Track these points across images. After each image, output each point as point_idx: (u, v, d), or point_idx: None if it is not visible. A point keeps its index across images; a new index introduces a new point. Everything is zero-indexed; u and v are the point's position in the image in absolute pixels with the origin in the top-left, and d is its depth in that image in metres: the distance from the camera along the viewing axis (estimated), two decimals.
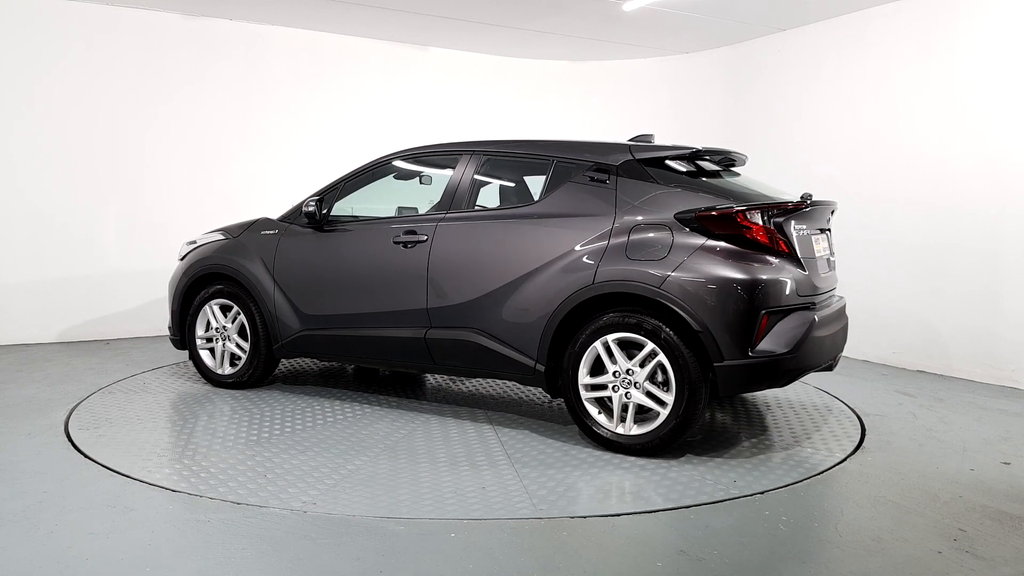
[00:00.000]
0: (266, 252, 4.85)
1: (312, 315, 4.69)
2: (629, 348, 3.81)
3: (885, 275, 6.29)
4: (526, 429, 4.27)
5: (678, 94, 8.24)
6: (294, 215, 4.88)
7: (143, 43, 6.89)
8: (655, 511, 3.14)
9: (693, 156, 4.07)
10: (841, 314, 4.26)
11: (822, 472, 3.63)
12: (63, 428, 4.19)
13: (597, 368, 3.89)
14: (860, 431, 4.33)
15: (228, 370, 5.04)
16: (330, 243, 4.69)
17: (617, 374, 3.79)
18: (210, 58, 7.17)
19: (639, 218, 3.83)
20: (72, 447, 3.87)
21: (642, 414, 3.83)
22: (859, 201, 6.43)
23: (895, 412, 4.76)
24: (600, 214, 3.91)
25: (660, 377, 3.74)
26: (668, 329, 3.66)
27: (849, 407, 4.85)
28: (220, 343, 5.04)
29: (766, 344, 3.62)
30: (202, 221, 6.56)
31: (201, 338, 5.10)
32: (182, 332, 5.17)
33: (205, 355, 5.12)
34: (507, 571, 2.61)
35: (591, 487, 3.40)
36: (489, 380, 5.41)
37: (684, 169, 4.04)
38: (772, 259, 3.72)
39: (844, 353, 6.57)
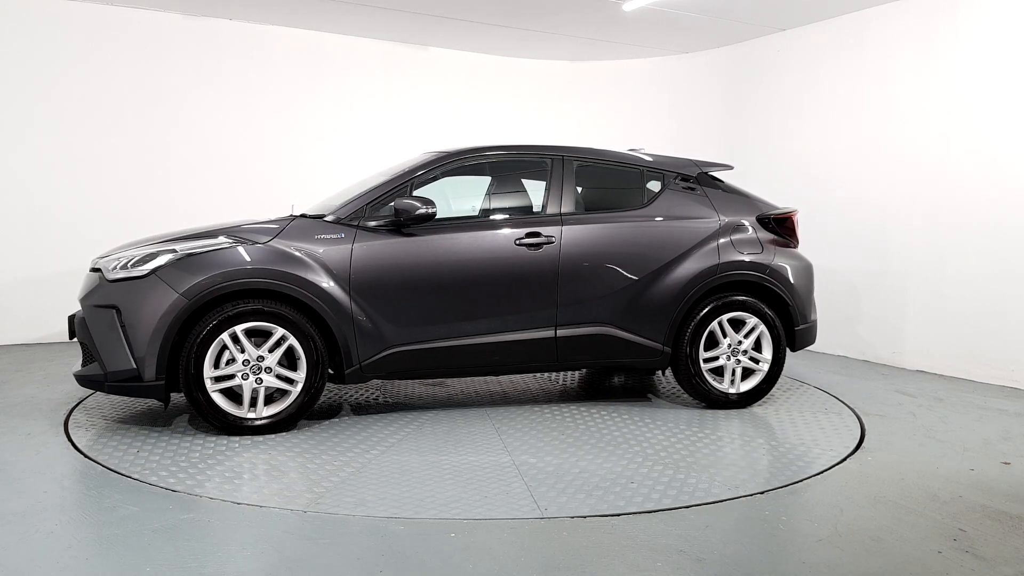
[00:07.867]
0: (333, 259, 4.14)
1: (408, 328, 4.25)
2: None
3: (885, 275, 6.29)
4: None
5: (678, 94, 8.24)
6: (359, 214, 4.27)
7: (143, 43, 6.89)
8: (655, 511, 3.14)
9: (722, 169, 5.09)
10: None
11: (822, 472, 3.64)
12: (63, 428, 4.20)
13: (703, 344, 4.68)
14: (860, 431, 4.34)
15: (265, 411, 4.06)
16: (431, 247, 4.30)
17: (730, 345, 4.66)
18: (210, 58, 7.17)
19: (734, 219, 4.77)
20: (72, 447, 3.87)
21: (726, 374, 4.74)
22: (858, 201, 6.44)
23: (895, 412, 4.76)
24: (706, 216, 4.73)
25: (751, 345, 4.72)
26: (763, 305, 4.67)
27: (849, 407, 4.85)
28: (250, 379, 4.01)
29: (812, 311, 4.95)
30: (202, 220, 6.54)
31: (210, 378, 3.98)
32: (171, 373, 3.97)
33: (219, 399, 4.00)
34: (507, 571, 2.61)
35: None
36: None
37: (722, 179, 5.01)
38: (799, 249, 4.96)
39: (844, 353, 6.64)
